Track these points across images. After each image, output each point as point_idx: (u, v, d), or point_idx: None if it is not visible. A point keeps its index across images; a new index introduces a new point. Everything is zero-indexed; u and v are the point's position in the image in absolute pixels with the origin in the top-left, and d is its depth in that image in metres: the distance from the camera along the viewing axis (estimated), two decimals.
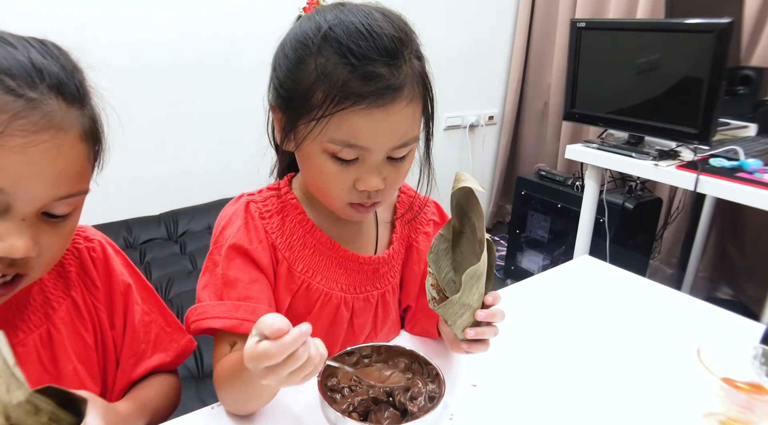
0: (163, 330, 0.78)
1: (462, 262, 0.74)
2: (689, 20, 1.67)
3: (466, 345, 0.70)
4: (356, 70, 0.63)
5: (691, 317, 1.01)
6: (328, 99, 0.64)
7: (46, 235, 0.57)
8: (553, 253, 2.56)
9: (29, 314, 0.66)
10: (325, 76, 0.64)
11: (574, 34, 1.90)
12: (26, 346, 0.65)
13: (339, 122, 0.64)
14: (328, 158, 0.68)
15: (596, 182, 2.02)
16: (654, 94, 1.80)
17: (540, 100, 3.10)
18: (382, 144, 0.67)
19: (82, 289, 0.71)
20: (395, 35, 0.64)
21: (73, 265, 0.71)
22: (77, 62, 0.61)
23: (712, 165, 1.69)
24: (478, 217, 0.70)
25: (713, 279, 2.53)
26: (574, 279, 1.15)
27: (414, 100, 0.67)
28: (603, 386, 0.80)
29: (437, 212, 0.91)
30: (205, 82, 2.10)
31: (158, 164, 2.08)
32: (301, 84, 0.66)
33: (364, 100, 0.63)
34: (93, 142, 0.61)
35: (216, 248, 0.76)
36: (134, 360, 0.74)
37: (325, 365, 0.69)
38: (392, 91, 0.64)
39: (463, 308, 0.67)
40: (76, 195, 0.59)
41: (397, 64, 0.64)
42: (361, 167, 0.68)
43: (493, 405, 0.76)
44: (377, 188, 0.69)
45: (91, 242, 0.73)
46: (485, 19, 2.95)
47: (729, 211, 2.40)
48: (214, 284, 0.74)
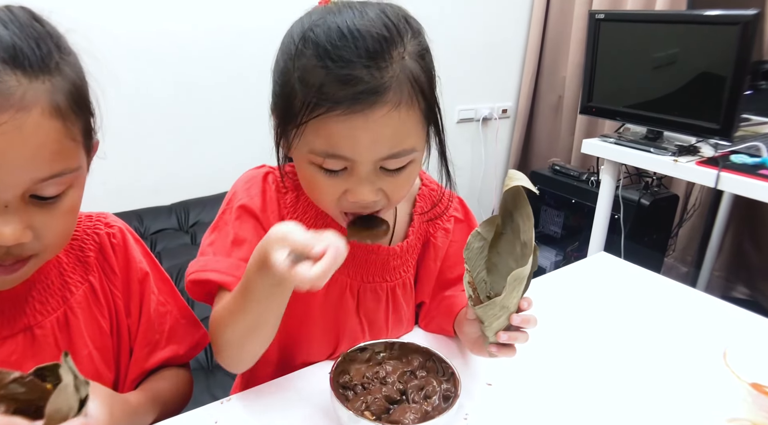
0: (177, 322, 0.76)
1: (497, 263, 0.72)
2: (713, 12, 1.62)
3: (495, 348, 0.68)
4: (331, 73, 0.58)
5: (712, 317, 0.98)
6: (305, 105, 0.60)
7: (40, 217, 0.55)
8: (566, 249, 2.53)
9: (47, 296, 0.66)
10: (302, 81, 0.60)
11: (592, 26, 1.86)
12: (44, 328, 0.65)
13: (317, 130, 0.61)
14: (316, 168, 0.64)
15: (612, 177, 1.99)
16: (674, 88, 1.76)
17: (555, 94, 3.06)
18: (366, 154, 0.62)
19: (101, 274, 0.70)
20: (382, 35, 0.59)
21: (93, 250, 0.70)
22: (52, 27, 0.56)
23: (734, 162, 1.65)
24: (525, 218, 0.66)
25: (729, 278, 2.49)
26: (591, 276, 1.12)
27: (403, 105, 0.61)
28: (622, 387, 0.78)
29: (460, 208, 0.87)
30: (218, 72, 2.09)
31: (170, 154, 2.07)
32: (284, 89, 0.64)
33: (339, 105, 0.58)
34: (74, 115, 0.55)
35: (228, 208, 0.75)
36: (148, 349, 0.73)
37: (337, 363, 0.68)
38: (371, 94, 0.58)
39: (502, 311, 0.65)
40: (62, 175, 0.54)
41: (379, 65, 0.59)
42: (350, 177, 0.64)
43: (508, 404, 0.74)
44: (369, 200, 0.65)
45: (111, 228, 0.72)
46: (500, 10, 2.91)
47: (747, 208, 2.35)
48: (222, 241, 0.73)
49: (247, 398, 0.73)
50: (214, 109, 2.12)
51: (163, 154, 2.06)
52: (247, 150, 2.07)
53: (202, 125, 2.12)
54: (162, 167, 2.07)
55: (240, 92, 2.12)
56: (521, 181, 0.63)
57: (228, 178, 2.43)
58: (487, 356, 0.70)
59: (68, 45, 0.57)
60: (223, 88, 2.12)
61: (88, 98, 0.58)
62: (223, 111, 2.14)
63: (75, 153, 0.56)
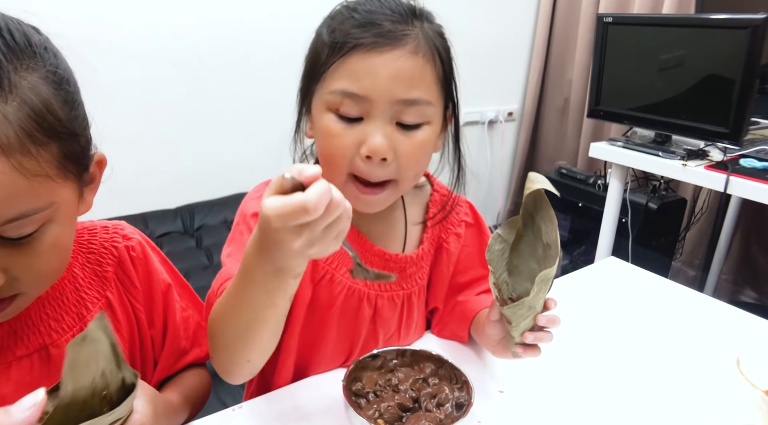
0: (199, 325, 0.76)
1: (519, 265, 0.72)
2: (721, 15, 1.61)
3: (521, 348, 0.68)
4: (357, 20, 0.65)
5: (722, 323, 0.98)
6: (331, 49, 0.66)
7: (15, 257, 0.49)
8: (573, 253, 2.52)
9: (62, 314, 0.63)
10: (330, 35, 0.67)
11: (600, 30, 1.86)
12: (59, 348, 0.61)
13: (339, 70, 0.65)
14: (333, 117, 0.66)
15: (620, 181, 1.98)
16: (682, 91, 1.75)
17: (561, 97, 3.05)
18: (383, 92, 0.64)
19: (119, 289, 0.68)
20: (408, 6, 0.68)
21: (111, 265, 0.67)
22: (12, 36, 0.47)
23: (743, 166, 1.64)
24: (548, 220, 0.66)
25: (737, 282, 2.48)
26: (601, 282, 1.12)
27: (421, 55, 0.66)
28: (633, 393, 0.77)
29: (470, 213, 0.87)
30: (224, 75, 2.09)
31: (175, 156, 2.07)
32: (313, 51, 0.70)
33: (362, 44, 0.64)
34: (34, 146, 0.46)
35: (242, 218, 0.74)
36: (174, 358, 0.73)
37: (349, 370, 0.68)
38: (392, 38, 0.64)
39: (530, 311, 0.65)
40: (26, 217, 0.47)
41: (402, 20, 0.66)
42: (366, 127, 0.65)
43: (520, 412, 0.73)
44: (381, 149, 0.64)
45: (129, 240, 0.69)
46: (506, 12, 2.91)
47: (755, 212, 2.34)
48: (240, 252, 0.69)
49: (259, 405, 0.73)
50: (220, 112, 2.12)
51: (168, 156, 2.06)
52: (253, 153, 2.08)
53: (209, 127, 2.12)
54: (167, 170, 2.07)
55: (247, 96, 2.12)
56: (543, 184, 0.63)
57: (234, 181, 2.45)
58: (510, 357, 0.70)
59: (35, 58, 0.49)
60: (230, 91, 2.12)
61: (64, 120, 0.49)
62: (229, 114, 2.14)
63: (41, 190, 0.48)
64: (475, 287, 0.86)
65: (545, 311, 0.67)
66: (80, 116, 0.53)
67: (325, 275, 0.76)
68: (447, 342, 0.88)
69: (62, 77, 0.51)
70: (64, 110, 0.49)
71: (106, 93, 1.87)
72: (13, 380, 0.59)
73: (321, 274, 0.76)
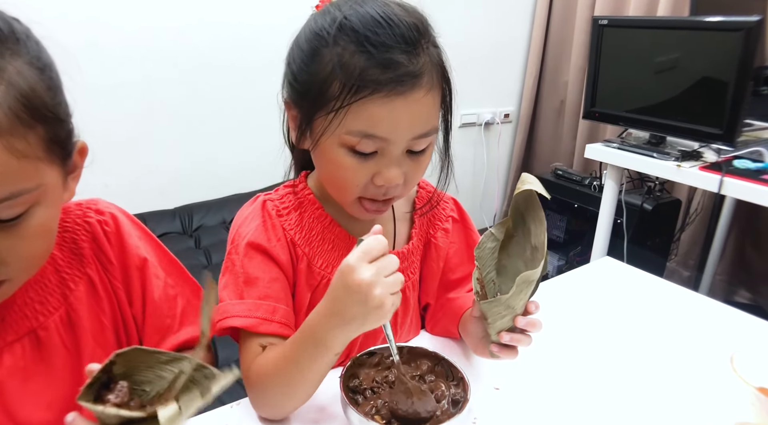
0: (189, 303, 0.74)
1: (507, 265, 0.72)
2: (715, 18, 1.63)
3: (496, 348, 0.69)
4: (374, 58, 0.61)
5: (716, 322, 0.99)
6: (346, 89, 0.62)
7: (3, 241, 0.50)
8: (568, 253, 2.53)
9: (46, 296, 0.63)
10: (342, 66, 0.62)
11: (595, 32, 1.87)
12: (47, 330, 0.63)
13: (357, 112, 0.63)
14: (346, 151, 0.66)
15: (616, 182, 1.99)
16: (677, 93, 1.77)
17: (557, 99, 3.06)
18: (402, 134, 0.65)
19: (97, 266, 0.67)
20: (413, 23, 0.63)
21: (86, 240, 0.67)
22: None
23: (737, 167, 1.65)
24: (537, 222, 0.67)
25: (731, 282, 2.49)
26: (596, 281, 1.13)
27: (433, 89, 0.66)
28: (628, 391, 0.78)
29: (456, 209, 0.89)
30: (222, 76, 2.09)
31: (173, 157, 2.08)
32: (317, 76, 0.65)
33: (384, 87, 0.61)
34: (22, 128, 0.48)
35: (234, 248, 0.75)
36: (159, 336, 0.71)
37: (347, 367, 0.68)
38: (412, 78, 0.62)
39: (507, 310, 0.66)
40: (13, 197, 0.49)
41: (415, 51, 0.63)
42: (381, 160, 0.66)
43: (516, 408, 0.74)
44: (396, 182, 0.67)
45: (102, 215, 0.69)
46: (502, 15, 2.92)
47: (749, 213, 2.35)
48: (234, 284, 0.73)
49: None
50: (219, 113, 2.13)
51: (167, 157, 2.06)
52: (251, 154, 2.09)
53: (207, 128, 2.13)
54: (166, 171, 2.07)
55: (246, 97, 2.13)
56: (534, 185, 0.64)
57: (232, 182, 2.46)
58: (489, 357, 0.70)
59: (19, 44, 0.50)
60: (229, 93, 2.12)
61: (49, 105, 0.51)
62: (228, 116, 2.15)
63: (30, 171, 0.50)
64: (466, 284, 0.87)
65: (527, 315, 0.67)
66: (63, 103, 0.55)
67: (322, 280, 0.77)
68: (443, 339, 0.89)
69: (45, 64, 0.52)
70: (49, 95, 0.51)
71: (106, 94, 1.88)
72: (6, 366, 0.60)
73: (318, 280, 0.77)
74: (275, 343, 0.70)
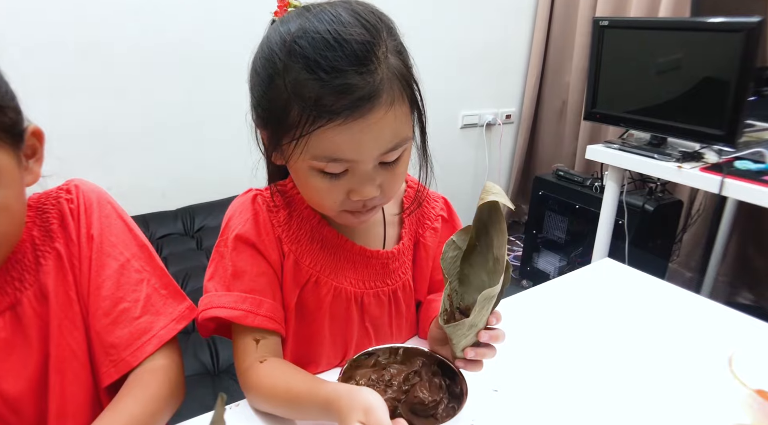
0: (156, 292, 0.73)
1: (469, 275, 0.72)
2: (716, 19, 1.63)
3: (461, 363, 0.69)
4: (327, 85, 0.58)
5: (717, 323, 0.98)
6: (303, 117, 0.60)
7: None
8: (570, 254, 2.53)
9: (24, 273, 0.67)
10: (296, 95, 0.60)
11: (596, 33, 1.87)
12: (23, 305, 0.66)
13: (319, 140, 0.61)
14: (317, 173, 0.65)
15: (617, 183, 1.99)
16: (677, 94, 1.76)
17: (558, 99, 3.06)
18: (368, 153, 0.63)
19: (65, 241, 0.70)
20: (365, 38, 0.60)
21: (56, 218, 0.70)
22: None
23: (738, 168, 1.65)
24: (500, 234, 0.66)
25: (733, 284, 2.49)
26: (596, 283, 1.13)
27: (396, 103, 0.62)
28: (627, 393, 0.78)
29: (446, 208, 0.89)
30: (224, 77, 2.09)
31: (176, 159, 2.08)
32: (276, 103, 0.63)
33: (339, 115, 0.59)
34: None
35: (223, 240, 0.76)
36: (109, 319, 0.68)
37: (344, 369, 0.68)
38: (368, 101, 0.59)
39: (471, 330, 0.66)
40: None
41: (369, 69, 0.60)
42: (352, 177, 0.65)
43: (514, 410, 0.74)
44: (372, 195, 0.67)
45: (70, 194, 0.71)
46: (504, 16, 2.92)
47: (751, 214, 2.35)
48: (221, 276, 0.74)
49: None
50: (221, 114, 2.13)
51: (169, 158, 2.07)
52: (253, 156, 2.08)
53: (210, 129, 2.13)
54: (168, 172, 2.08)
55: (247, 97, 2.13)
56: (498, 196, 0.63)
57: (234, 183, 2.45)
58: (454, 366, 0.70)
59: None
60: (231, 93, 2.12)
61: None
62: (230, 117, 2.15)
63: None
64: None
65: (488, 327, 0.67)
66: (2, 91, 0.59)
67: (310, 278, 0.77)
68: None
69: None
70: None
71: (109, 97, 1.89)
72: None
73: (305, 277, 0.77)
74: (267, 338, 0.72)
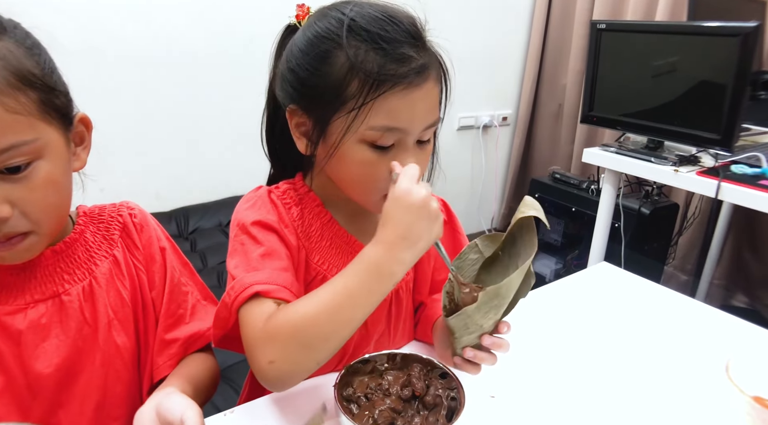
0: (199, 302, 0.81)
1: (485, 281, 0.71)
2: (713, 23, 1.63)
3: (459, 360, 0.69)
4: (389, 54, 0.64)
5: (713, 328, 0.98)
6: (366, 86, 0.64)
7: (17, 192, 0.59)
8: (566, 257, 2.53)
9: (74, 268, 0.72)
10: (360, 64, 0.64)
11: (593, 36, 1.87)
12: (70, 295, 0.70)
13: (379, 107, 0.64)
14: (367, 147, 0.67)
15: (613, 186, 1.99)
16: (674, 98, 1.77)
17: (555, 102, 3.07)
18: (418, 124, 0.67)
19: (124, 250, 0.76)
20: (414, 20, 0.68)
21: (117, 229, 0.76)
22: None
23: (734, 172, 1.65)
24: (529, 248, 0.66)
25: (729, 287, 2.50)
26: (592, 287, 1.13)
27: (438, 81, 0.70)
28: (624, 398, 0.78)
29: (445, 210, 0.88)
30: (219, 78, 2.09)
31: (170, 160, 2.08)
32: (330, 78, 0.65)
33: (403, 80, 0.64)
34: (13, 90, 0.57)
35: (241, 229, 0.72)
36: (173, 320, 0.78)
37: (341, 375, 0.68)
38: (424, 70, 0.66)
39: (473, 327, 0.65)
40: (18, 147, 0.57)
41: (422, 45, 0.67)
42: (397, 152, 0.68)
43: (511, 416, 0.74)
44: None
45: (132, 209, 0.79)
46: (501, 18, 2.93)
47: (746, 218, 2.36)
48: (246, 260, 0.69)
49: (251, 410, 0.73)
50: (216, 116, 2.13)
51: (163, 160, 2.06)
52: (248, 157, 2.08)
53: (204, 131, 2.13)
54: (162, 173, 2.07)
55: (243, 99, 2.13)
56: (536, 212, 0.64)
57: (228, 185, 2.45)
58: (452, 365, 0.70)
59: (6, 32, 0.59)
60: (225, 94, 2.12)
61: (38, 74, 0.60)
62: (225, 118, 2.15)
63: (24, 124, 0.58)
64: None
65: (496, 333, 0.67)
66: (55, 76, 0.63)
67: (317, 276, 0.76)
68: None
69: (33, 44, 0.62)
70: (38, 68, 0.60)
71: (102, 97, 1.88)
72: (28, 319, 0.68)
73: (312, 275, 0.76)
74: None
